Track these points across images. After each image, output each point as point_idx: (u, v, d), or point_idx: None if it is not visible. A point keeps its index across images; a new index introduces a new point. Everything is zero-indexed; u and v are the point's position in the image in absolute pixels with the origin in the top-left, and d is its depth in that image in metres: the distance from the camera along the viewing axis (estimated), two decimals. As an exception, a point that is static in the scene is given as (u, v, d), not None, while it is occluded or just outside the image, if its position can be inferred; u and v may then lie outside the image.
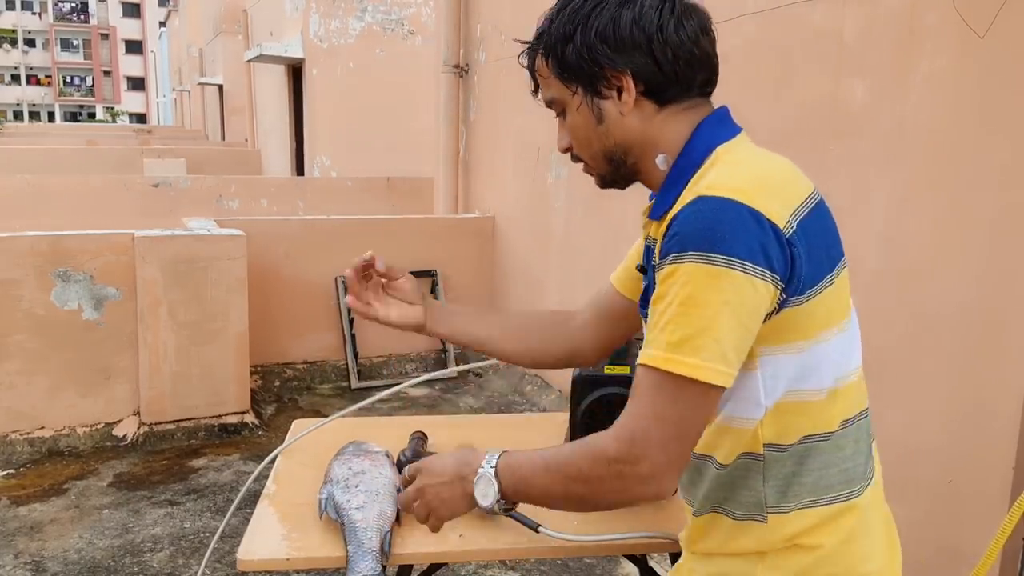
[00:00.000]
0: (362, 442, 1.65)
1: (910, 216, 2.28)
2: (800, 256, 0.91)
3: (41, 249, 3.77)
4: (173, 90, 29.17)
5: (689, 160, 1.02)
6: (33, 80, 59.57)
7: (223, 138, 16.67)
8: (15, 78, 58.93)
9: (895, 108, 2.32)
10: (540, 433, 1.80)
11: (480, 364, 4.79)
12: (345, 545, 1.33)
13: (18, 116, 54.81)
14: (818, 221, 0.96)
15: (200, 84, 18.40)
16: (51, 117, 57.67)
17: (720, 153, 1.00)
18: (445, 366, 5.23)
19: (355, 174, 8.35)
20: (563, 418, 1.45)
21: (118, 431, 3.99)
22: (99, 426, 3.98)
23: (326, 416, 1.81)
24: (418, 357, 5.30)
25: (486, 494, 1.04)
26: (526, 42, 1.11)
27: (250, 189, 7.31)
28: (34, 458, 3.79)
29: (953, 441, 2.14)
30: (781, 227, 0.90)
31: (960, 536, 2.09)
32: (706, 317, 0.88)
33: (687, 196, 0.95)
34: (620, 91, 1.03)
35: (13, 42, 58.65)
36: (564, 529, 1.42)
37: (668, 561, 1.64)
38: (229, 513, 1.83)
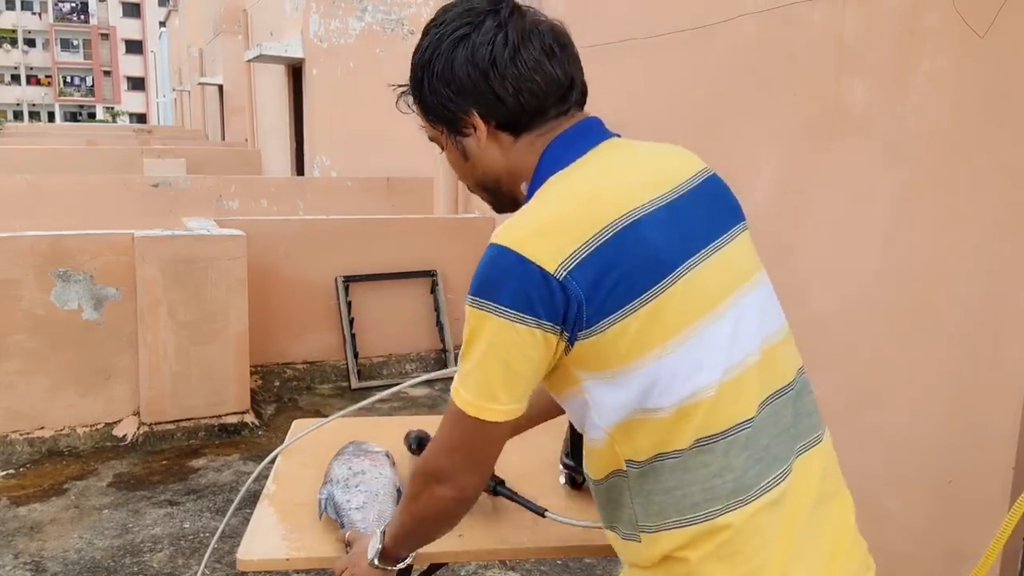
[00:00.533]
0: (362, 442, 1.65)
1: (911, 216, 2.28)
2: (577, 296, 0.93)
3: (41, 249, 3.77)
4: (173, 90, 29.18)
5: (531, 191, 1.05)
6: (33, 80, 59.58)
7: (223, 138, 16.67)
8: (15, 78, 58.93)
9: (896, 108, 2.31)
10: (539, 433, 1.80)
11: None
12: (345, 546, 1.33)
13: (18, 116, 54.81)
14: (617, 251, 0.94)
15: (200, 84, 18.40)
16: (51, 117, 57.67)
17: (544, 186, 1.02)
18: (445, 366, 5.23)
19: (355, 174, 8.35)
20: (562, 419, 1.45)
21: (118, 431, 3.99)
22: (99, 426, 3.97)
23: (326, 416, 1.81)
24: (418, 357, 5.30)
25: (372, 545, 1.19)
26: (402, 85, 1.14)
27: (250, 189, 7.31)
28: (34, 458, 3.79)
29: (953, 441, 2.14)
30: (552, 271, 0.93)
31: (960, 536, 2.08)
32: (476, 357, 0.96)
33: (500, 227, 0.99)
34: (475, 128, 1.06)
35: (13, 42, 58.65)
36: (565, 531, 1.42)
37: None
38: (229, 513, 1.83)
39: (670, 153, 1.12)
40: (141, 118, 53.69)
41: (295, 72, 10.22)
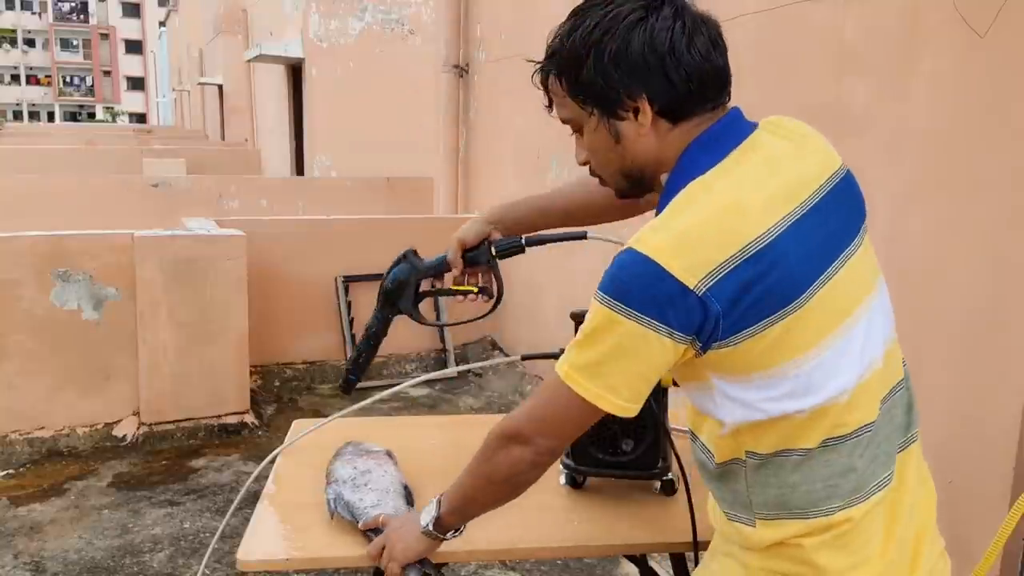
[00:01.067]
0: (359, 442, 1.65)
1: (912, 216, 2.28)
2: (715, 311, 0.95)
3: (41, 249, 3.77)
4: (173, 90, 29.16)
5: (669, 192, 1.05)
6: (33, 80, 59.57)
7: (223, 138, 16.66)
8: (15, 78, 58.92)
9: (896, 108, 2.31)
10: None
11: (480, 364, 4.78)
12: (367, 533, 1.34)
13: (18, 116, 54.78)
14: (754, 270, 0.95)
15: (200, 84, 18.38)
16: (51, 117, 57.65)
17: (685, 194, 1.02)
18: (445, 366, 5.23)
19: (355, 174, 8.34)
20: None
21: (118, 431, 3.99)
22: (99, 426, 3.97)
23: (326, 416, 1.81)
24: (418, 357, 5.29)
25: (427, 512, 1.23)
26: (538, 61, 1.11)
27: (250, 189, 7.30)
28: (34, 458, 3.78)
29: (953, 441, 2.14)
30: (691, 286, 0.94)
31: (960, 536, 2.08)
32: (601, 353, 0.99)
33: (641, 232, 1.00)
34: (637, 112, 1.04)
35: (13, 42, 58.64)
36: (564, 530, 1.42)
37: (668, 561, 1.64)
38: (229, 513, 1.82)
39: (809, 150, 1.10)
40: (141, 118, 53.65)
41: (295, 72, 10.23)
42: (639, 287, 0.95)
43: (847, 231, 1.07)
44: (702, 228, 0.97)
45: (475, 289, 1.43)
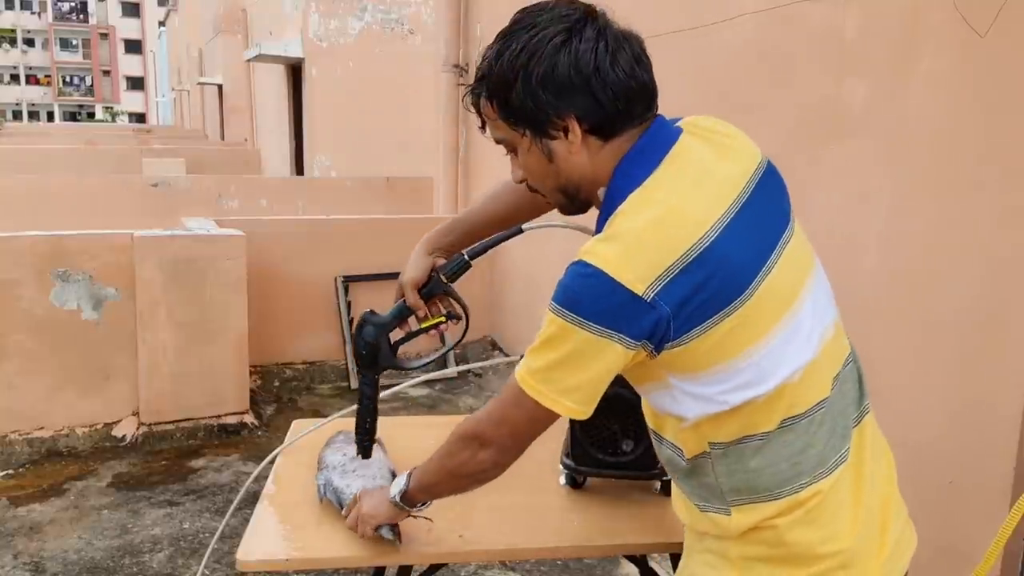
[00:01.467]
0: (351, 431, 1.67)
1: (911, 216, 2.27)
2: (664, 314, 0.99)
3: (41, 249, 3.77)
4: (172, 90, 29.15)
5: (608, 206, 1.09)
6: (32, 80, 59.54)
7: (223, 138, 16.65)
8: (14, 78, 58.90)
9: (896, 108, 2.31)
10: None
11: (480, 364, 4.78)
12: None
13: (17, 116, 54.77)
14: (698, 272, 0.99)
15: (199, 84, 18.37)
16: (50, 117, 57.63)
17: (625, 207, 1.05)
18: (445, 366, 5.23)
19: (355, 174, 8.34)
20: (562, 421, 1.45)
21: (117, 431, 3.99)
22: (98, 426, 3.97)
23: (326, 416, 1.81)
24: (418, 357, 5.28)
25: (397, 485, 1.29)
26: (469, 85, 1.14)
27: (250, 189, 7.30)
28: (33, 458, 3.78)
29: (954, 441, 2.14)
30: (640, 293, 0.98)
31: (960, 536, 2.08)
32: (555, 360, 1.03)
33: (589, 244, 1.04)
34: (567, 131, 1.07)
35: (12, 42, 58.62)
36: (564, 531, 1.42)
37: (668, 561, 1.64)
38: (229, 513, 1.83)
39: (731, 149, 1.13)
40: (140, 118, 53.64)
41: (295, 72, 10.22)
42: (590, 298, 0.99)
43: (778, 221, 1.11)
44: (646, 237, 1.00)
45: (443, 318, 1.48)
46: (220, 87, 16.33)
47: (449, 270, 1.44)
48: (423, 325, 1.47)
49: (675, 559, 1.56)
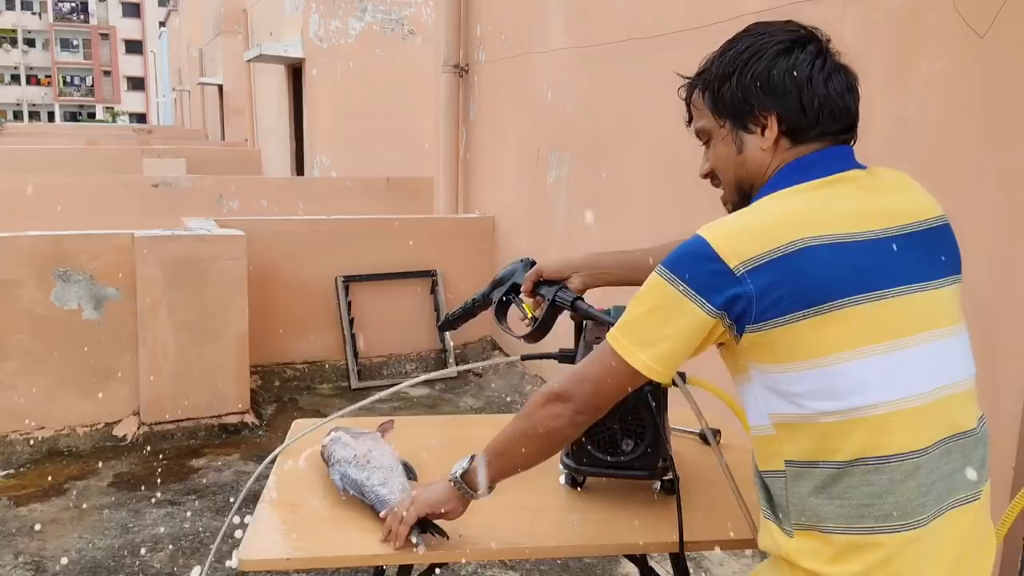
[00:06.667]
0: (348, 428, 1.69)
1: (910, 216, 2.28)
2: (749, 291, 1.03)
3: (41, 249, 3.77)
4: (173, 90, 29.17)
5: (756, 199, 1.16)
6: (33, 80, 59.56)
7: (223, 138, 16.67)
8: (15, 78, 58.92)
9: (896, 108, 2.32)
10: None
11: (480, 364, 4.79)
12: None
13: (18, 116, 54.80)
14: (793, 265, 1.03)
15: (200, 84, 18.39)
16: (51, 117, 57.65)
17: (763, 199, 1.13)
18: (445, 366, 5.23)
19: (355, 174, 8.35)
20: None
21: (118, 431, 3.99)
22: (99, 426, 3.98)
23: (326, 416, 1.81)
24: (418, 357, 5.30)
25: (459, 464, 1.29)
26: (687, 77, 1.25)
27: (250, 189, 7.31)
28: (34, 458, 3.79)
29: (953, 441, 2.14)
30: (732, 267, 1.04)
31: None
32: (641, 312, 1.10)
33: (712, 221, 1.11)
34: (764, 128, 1.16)
35: (13, 42, 58.64)
36: (563, 530, 1.42)
37: (668, 561, 1.64)
38: (232, 513, 1.83)
39: (909, 194, 1.19)
40: (141, 118, 53.69)
41: (295, 72, 10.23)
42: (689, 260, 1.07)
43: (929, 268, 1.12)
44: (756, 226, 1.07)
45: (532, 316, 1.58)
46: (221, 87, 16.35)
47: (559, 299, 1.52)
48: (525, 306, 1.59)
49: (675, 559, 1.56)
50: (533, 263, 1.60)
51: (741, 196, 1.21)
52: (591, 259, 1.56)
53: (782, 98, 1.13)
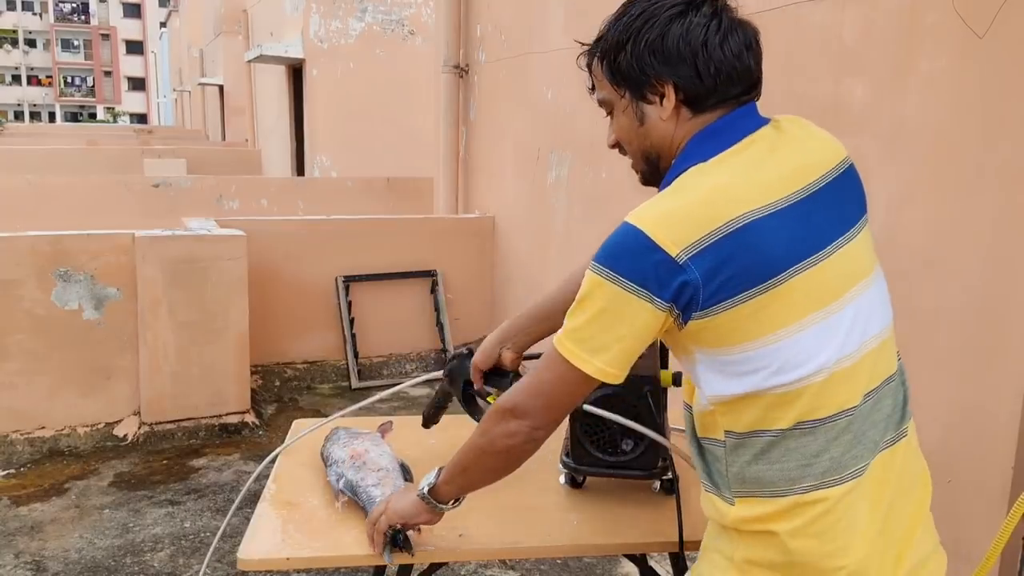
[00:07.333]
0: (347, 428, 1.69)
1: (910, 216, 2.28)
2: (694, 280, 1.00)
3: (41, 249, 3.77)
4: (173, 90, 29.17)
5: (671, 175, 1.12)
6: (34, 80, 59.57)
7: (223, 138, 16.67)
8: (16, 78, 58.93)
9: (895, 108, 2.32)
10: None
11: (480, 364, 4.79)
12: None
13: (19, 116, 54.81)
14: (734, 245, 1.01)
15: (200, 84, 18.39)
16: (52, 117, 57.65)
17: (683, 176, 1.08)
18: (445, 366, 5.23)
19: (355, 174, 8.35)
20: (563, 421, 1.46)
21: (118, 431, 3.99)
22: (99, 426, 3.98)
23: (326, 416, 1.81)
24: (418, 357, 5.30)
25: (426, 479, 1.28)
26: (586, 44, 1.20)
27: (250, 189, 7.31)
28: (34, 458, 3.79)
29: (953, 440, 2.14)
30: (673, 255, 1.00)
31: (960, 536, 2.09)
32: (587, 317, 1.05)
33: (638, 208, 1.06)
34: (662, 97, 1.12)
35: (14, 42, 58.65)
36: (563, 530, 1.42)
37: (668, 561, 1.64)
38: (230, 513, 1.83)
39: (812, 143, 1.16)
40: (142, 118, 53.68)
41: (295, 72, 10.22)
42: (627, 254, 1.02)
43: (843, 220, 1.11)
44: (690, 207, 1.03)
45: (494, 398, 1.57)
46: (221, 88, 16.35)
47: (491, 383, 1.53)
48: (488, 398, 1.57)
49: (675, 558, 1.56)
50: (471, 353, 1.60)
51: (650, 166, 1.19)
52: (512, 326, 1.53)
53: (677, 66, 1.09)
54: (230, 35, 14.23)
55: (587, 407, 1.48)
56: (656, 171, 1.18)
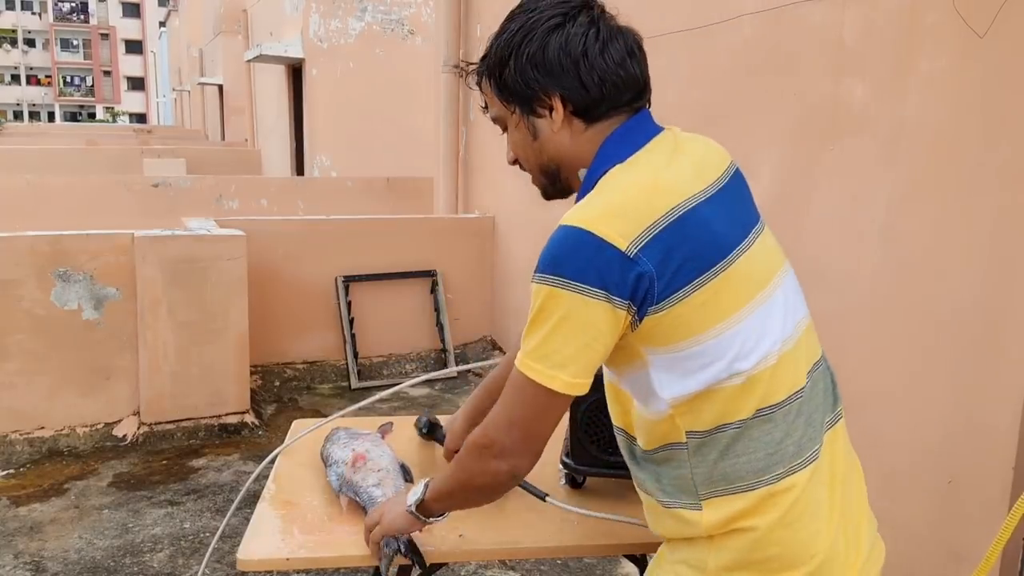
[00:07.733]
0: (347, 428, 1.69)
1: (910, 216, 2.28)
2: (648, 271, 0.99)
3: (41, 249, 3.77)
4: (173, 90, 29.16)
5: (589, 182, 1.12)
6: (33, 80, 59.55)
7: (223, 138, 16.66)
8: (15, 78, 58.91)
9: (895, 108, 2.32)
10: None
11: (480, 364, 4.79)
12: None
13: (18, 116, 54.78)
14: (679, 232, 1.01)
15: (200, 84, 18.38)
16: (51, 117, 57.64)
17: (607, 177, 1.08)
18: (445, 366, 5.23)
19: (355, 174, 8.34)
20: (563, 420, 1.45)
21: (118, 431, 3.99)
22: (99, 426, 3.98)
23: (326, 416, 1.81)
24: (418, 357, 5.30)
25: (414, 493, 1.24)
26: (475, 64, 1.20)
27: (250, 189, 7.30)
28: (34, 458, 3.79)
29: (953, 441, 2.14)
30: (623, 248, 0.99)
31: (960, 537, 2.09)
32: (546, 330, 1.01)
33: (570, 211, 1.06)
34: (551, 110, 1.12)
35: (13, 42, 58.63)
36: (563, 530, 1.42)
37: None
38: (229, 513, 1.83)
39: (707, 145, 1.19)
40: (141, 118, 53.66)
41: (295, 72, 10.22)
42: (574, 257, 0.99)
43: (751, 213, 1.16)
44: (625, 200, 1.03)
45: None
46: (221, 87, 16.34)
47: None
48: None
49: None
50: (429, 422, 1.71)
51: (549, 179, 1.19)
52: (476, 407, 1.55)
53: (560, 78, 1.09)
54: (230, 35, 14.22)
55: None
56: (556, 183, 1.18)
